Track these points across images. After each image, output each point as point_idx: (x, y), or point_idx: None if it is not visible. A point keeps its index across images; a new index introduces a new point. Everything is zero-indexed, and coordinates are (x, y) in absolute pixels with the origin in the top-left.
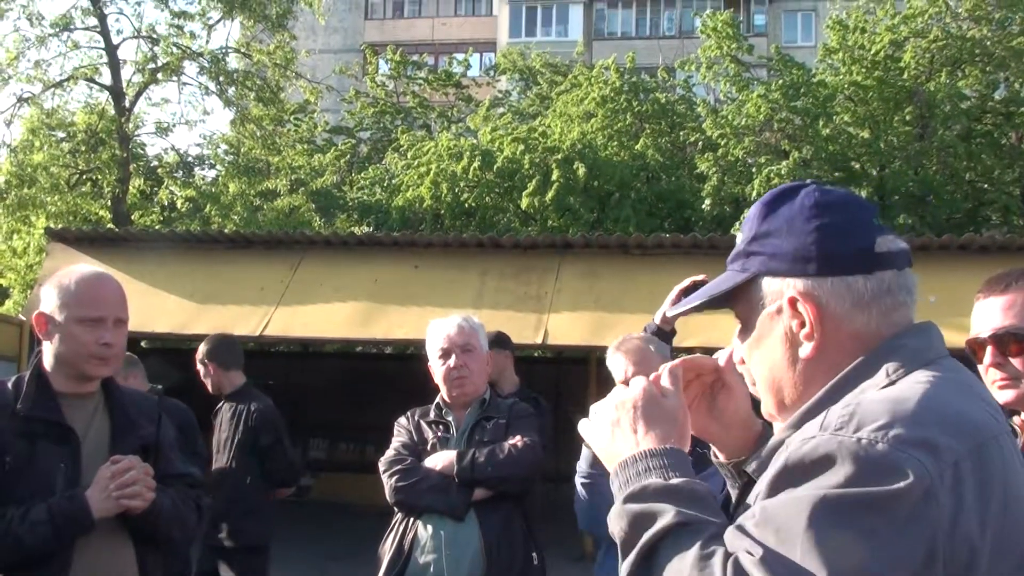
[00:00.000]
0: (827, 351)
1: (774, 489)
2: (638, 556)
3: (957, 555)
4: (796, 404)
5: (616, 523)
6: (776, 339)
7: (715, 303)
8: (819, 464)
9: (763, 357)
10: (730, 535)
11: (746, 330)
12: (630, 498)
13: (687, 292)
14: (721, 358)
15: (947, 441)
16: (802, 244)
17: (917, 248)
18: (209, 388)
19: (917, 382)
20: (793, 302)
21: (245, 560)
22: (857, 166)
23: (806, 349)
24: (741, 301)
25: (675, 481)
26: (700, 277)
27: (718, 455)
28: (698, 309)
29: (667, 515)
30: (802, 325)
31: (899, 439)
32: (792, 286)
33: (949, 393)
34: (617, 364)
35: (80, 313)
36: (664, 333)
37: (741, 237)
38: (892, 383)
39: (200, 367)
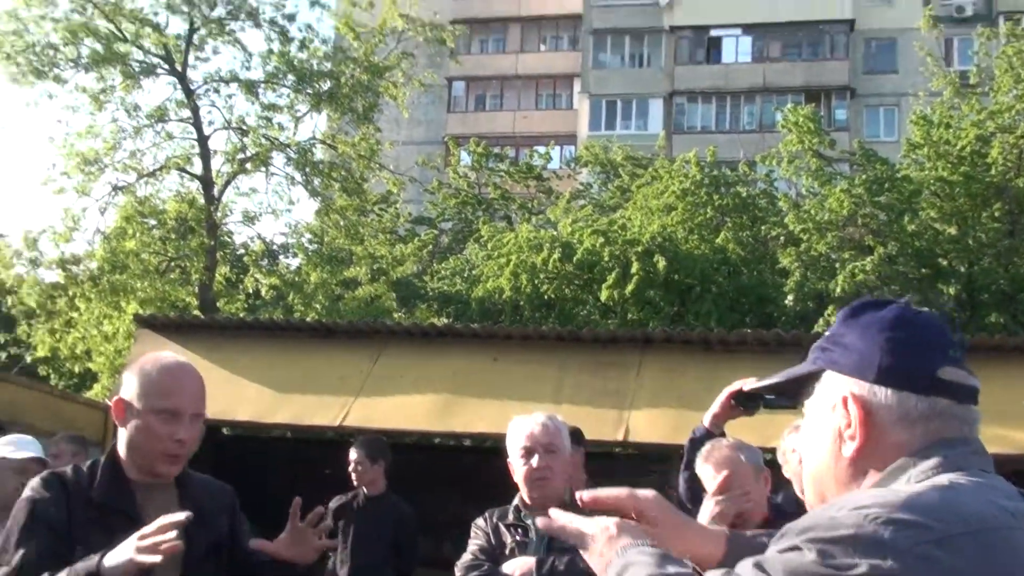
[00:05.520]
0: (868, 456)
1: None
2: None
3: None
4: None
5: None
6: (826, 434)
7: (785, 388)
8: (797, 531)
9: (812, 449)
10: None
11: (805, 422)
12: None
13: (737, 396)
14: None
15: (928, 522)
16: (869, 350)
17: (1011, 349)
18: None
19: (931, 482)
20: (845, 401)
21: None
22: (945, 263)
23: (848, 449)
24: (809, 392)
25: (668, 553)
26: (751, 380)
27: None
28: (768, 400)
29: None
30: (848, 425)
31: (872, 515)
32: (848, 386)
33: (958, 490)
34: (706, 475)
35: (158, 404)
36: (713, 436)
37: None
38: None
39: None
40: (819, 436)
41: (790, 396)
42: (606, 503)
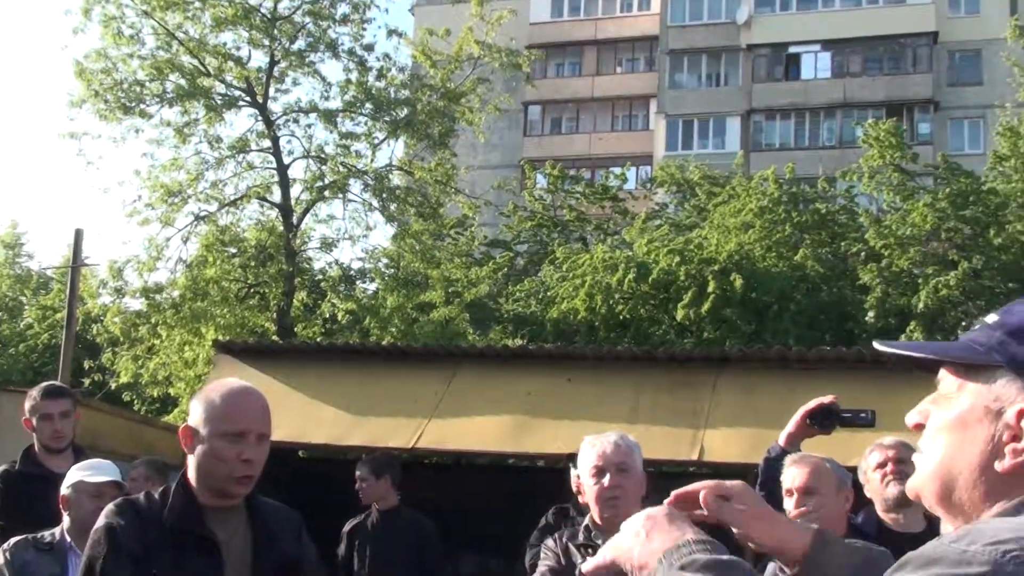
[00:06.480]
0: (1021, 476)
1: None
2: None
3: None
4: (961, 508)
5: None
6: (978, 436)
7: (926, 363)
8: (920, 562)
9: (952, 444)
10: None
11: (947, 405)
12: (683, 568)
13: (813, 415)
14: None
15: None
16: None
17: None
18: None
19: None
20: (1020, 414)
21: None
22: None
23: (1003, 463)
24: (961, 375)
25: (723, 556)
26: (828, 399)
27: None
28: (845, 418)
29: None
30: (1013, 439)
31: (1012, 554)
32: None
33: None
34: (789, 476)
35: (222, 428)
36: (788, 455)
37: (996, 320)
38: None
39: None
40: (966, 436)
41: (926, 366)
42: (692, 497)
